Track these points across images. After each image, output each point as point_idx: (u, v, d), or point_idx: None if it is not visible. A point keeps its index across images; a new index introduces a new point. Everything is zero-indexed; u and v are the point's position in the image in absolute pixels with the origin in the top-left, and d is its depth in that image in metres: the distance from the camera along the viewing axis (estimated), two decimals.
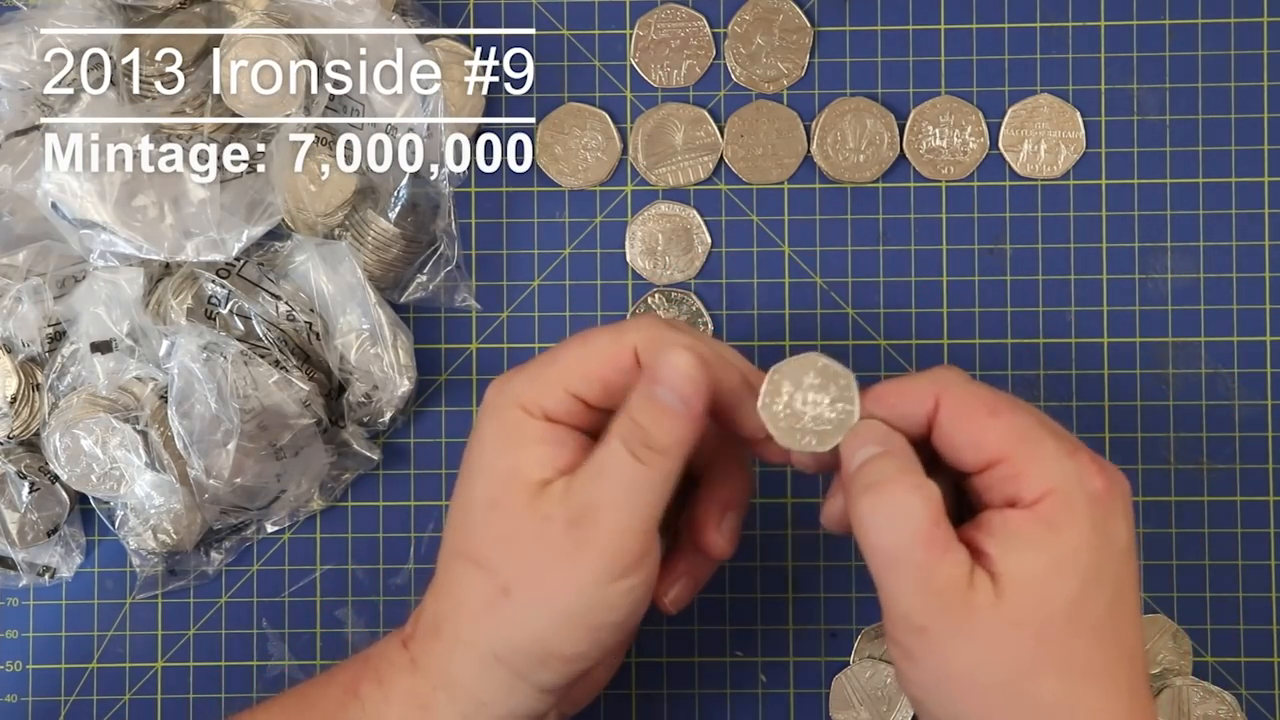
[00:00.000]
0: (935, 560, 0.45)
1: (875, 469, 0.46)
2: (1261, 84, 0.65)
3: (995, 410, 0.47)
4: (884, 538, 0.46)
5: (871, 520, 0.46)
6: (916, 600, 0.45)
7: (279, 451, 0.61)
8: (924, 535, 0.45)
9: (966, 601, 0.45)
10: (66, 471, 0.61)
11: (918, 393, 0.48)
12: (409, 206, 0.63)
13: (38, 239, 0.63)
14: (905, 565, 0.45)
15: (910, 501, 0.45)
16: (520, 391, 0.49)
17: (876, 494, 0.46)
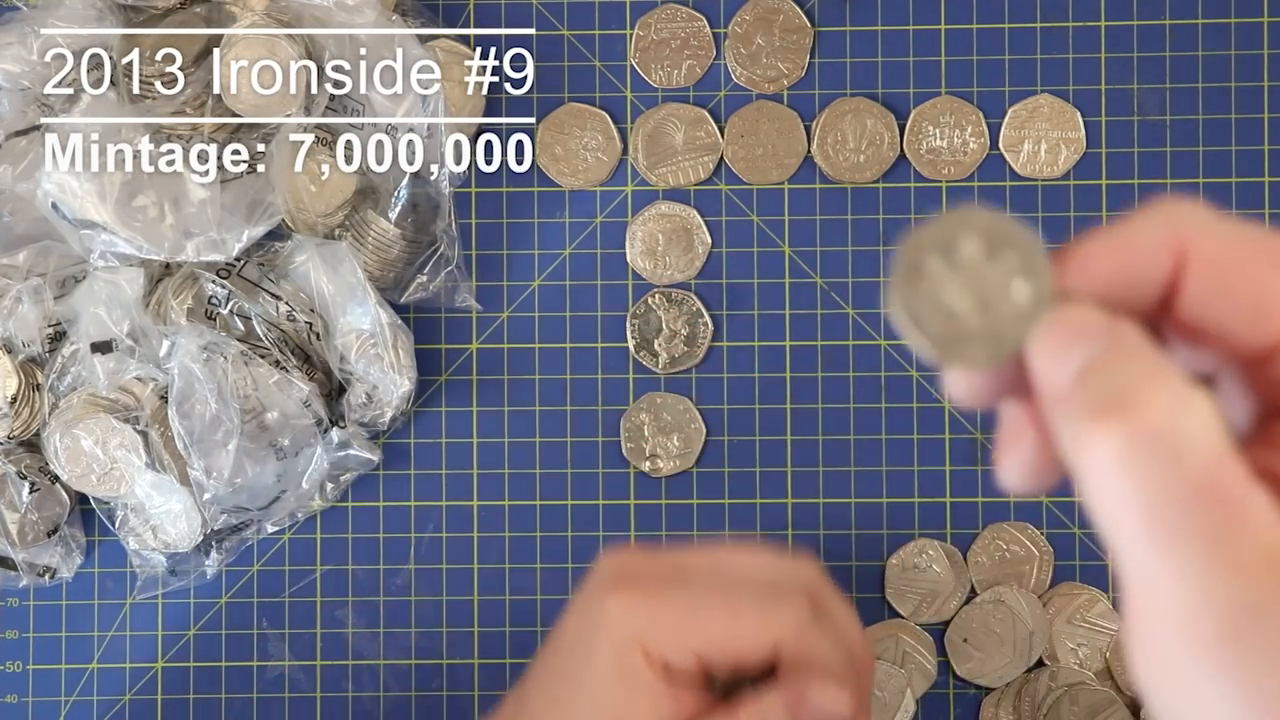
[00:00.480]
0: (1242, 527, 0.28)
1: (1105, 380, 0.29)
2: (1262, 84, 0.65)
3: None
4: (1145, 494, 0.28)
5: (1116, 468, 0.28)
6: (1220, 595, 0.27)
7: (279, 452, 0.61)
8: (1216, 485, 0.28)
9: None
10: (67, 472, 0.61)
11: (1146, 246, 0.31)
12: (409, 207, 0.63)
13: (38, 239, 0.63)
14: (1190, 539, 0.28)
15: (1184, 428, 0.28)
16: (645, 633, 0.45)
17: (1118, 422, 0.28)
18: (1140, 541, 0.28)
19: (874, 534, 0.65)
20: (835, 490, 0.65)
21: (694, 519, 0.65)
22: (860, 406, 0.65)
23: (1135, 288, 0.31)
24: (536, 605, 0.65)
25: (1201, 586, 0.27)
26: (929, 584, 0.64)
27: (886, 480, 0.65)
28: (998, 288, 0.30)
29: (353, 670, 0.65)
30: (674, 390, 0.65)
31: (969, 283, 0.30)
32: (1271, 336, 0.30)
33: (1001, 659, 0.64)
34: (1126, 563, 0.29)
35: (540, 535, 0.65)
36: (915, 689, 0.64)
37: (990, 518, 0.64)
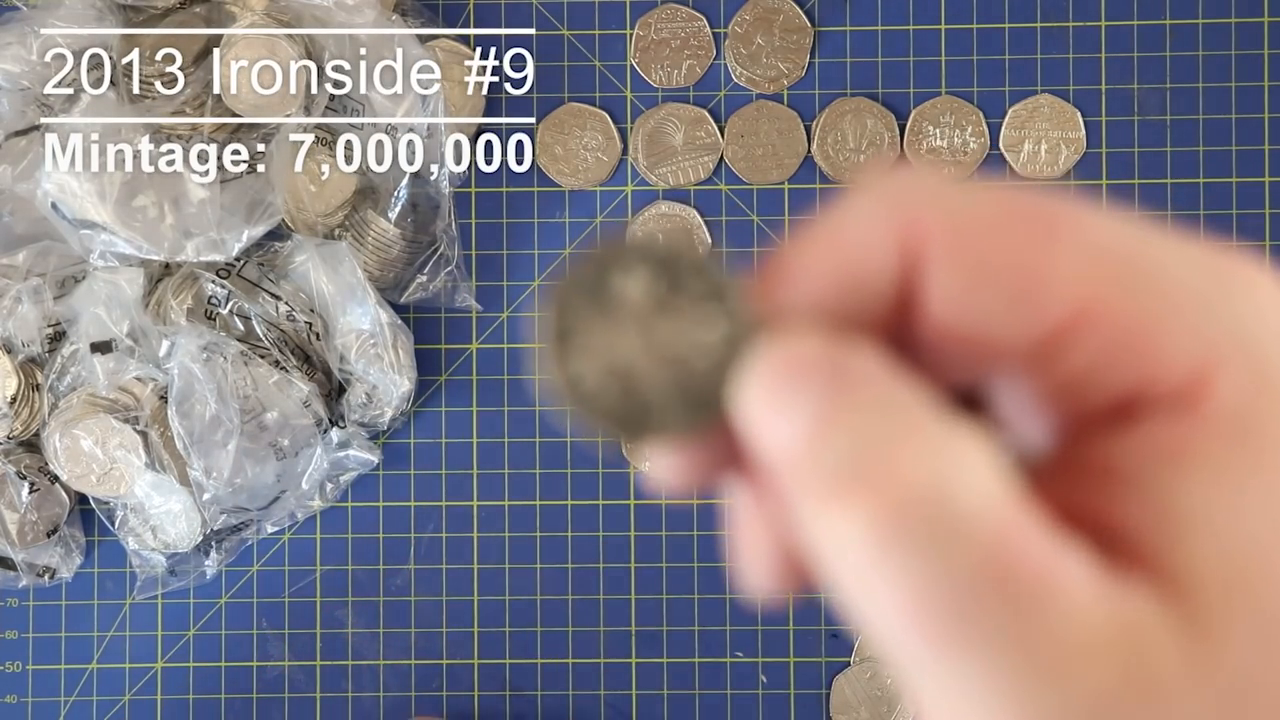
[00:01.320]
0: (1050, 611, 0.20)
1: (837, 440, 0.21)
2: (1262, 84, 0.65)
3: (1052, 218, 0.22)
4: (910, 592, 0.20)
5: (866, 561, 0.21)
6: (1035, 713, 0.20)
7: (279, 452, 0.61)
8: (1006, 562, 0.20)
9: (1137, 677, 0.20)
10: (66, 472, 0.61)
11: (863, 237, 0.23)
12: (409, 207, 0.63)
13: (38, 239, 0.63)
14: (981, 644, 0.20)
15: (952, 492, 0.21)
16: None
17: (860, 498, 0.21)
18: (917, 655, 0.21)
19: None
20: None
21: (694, 519, 0.65)
22: None
23: (862, 294, 0.23)
24: (536, 605, 0.65)
25: (1011, 705, 0.20)
26: None
27: None
28: (680, 333, 0.22)
29: (353, 670, 0.65)
30: None
31: (642, 333, 0.22)
32: (1048, 323, 0.22)
33: None
34: (911, 685, 0.21)
35: (540, 535, 0.65)
36: None
37: None
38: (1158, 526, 0.21)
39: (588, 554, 0.65)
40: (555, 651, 0.65)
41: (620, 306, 0.22)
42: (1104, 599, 0.20)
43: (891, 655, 0.21)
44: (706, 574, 0.65)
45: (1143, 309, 0.22)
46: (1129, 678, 0.20)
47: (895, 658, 0.21)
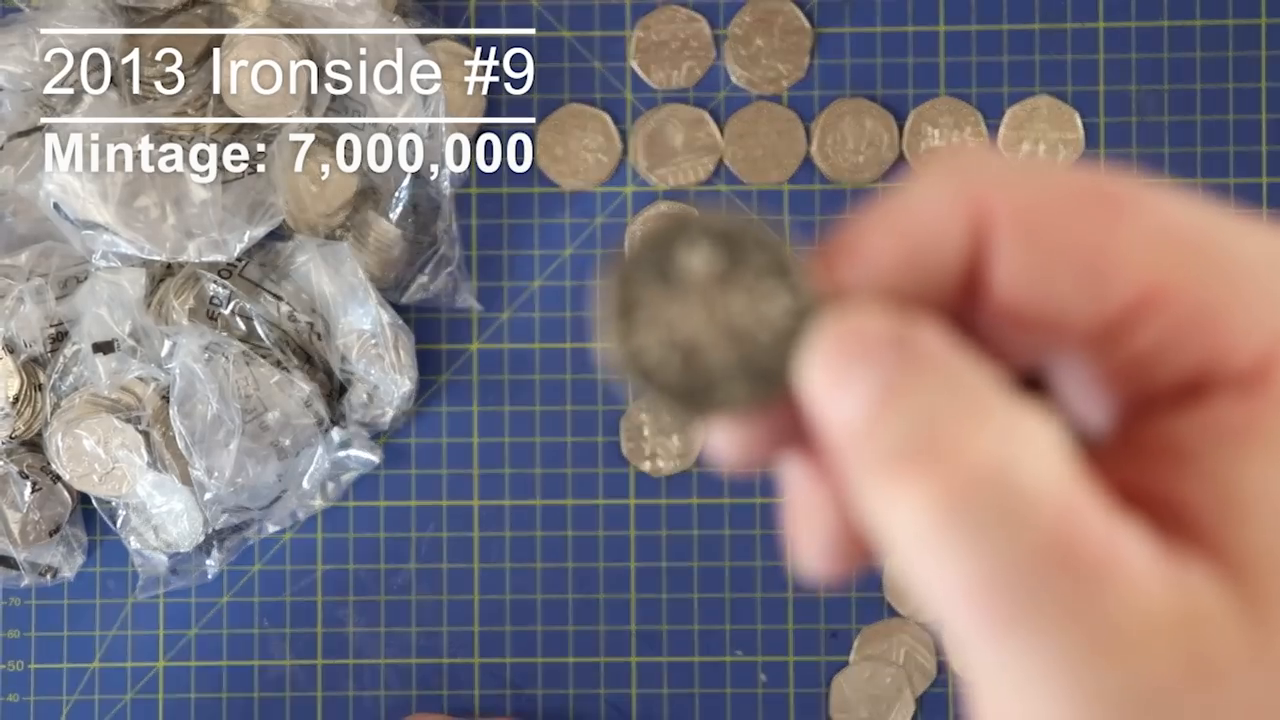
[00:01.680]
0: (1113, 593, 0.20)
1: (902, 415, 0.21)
2: (1259, 85, 0.65)
3: (1118, 197, 0.22)
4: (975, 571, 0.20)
5: (930, 537, 0.21)
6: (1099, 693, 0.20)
7: (280, 452, 0.61)
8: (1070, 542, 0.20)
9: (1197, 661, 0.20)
10: (68, 471, 0.61)
11: (933, 216, 0.23)
12: (410, 207, 0.63)
13: (40, 240, 0.63)
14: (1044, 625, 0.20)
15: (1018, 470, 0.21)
16: None
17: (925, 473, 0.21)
18: (981, 637, 0.20)
19: None
20: None
21: (694, 519, 0.65)
22: None
23: (929, 273, 0.22)
24: (536, 605, 0.65)
25: (1072, 686, 0.20)
26: None
27: None
28: (744, 307, 0.22)
29: (354, 669, 0.65)
30: None
31: (705, 307, 0.22)
32: (1116, 303, 0.22)
33: None
34: (969, 661, 0.21)
35: (540, 535, 0.65)
36: (915, 688, 0.64)
37: None
38: (1219, 507, 0.21)
39: (588, 554, 0.65)
40: (555, 650, 0.65)
41: (684, 280, 0.22)
42: (1166, 581, 0.20)
43: (951, 632, 0.21)
44: (706, 574, 0.65)
45: (1210, 291, 0.22)
46: (1191, 661, 0.20)
47: (955, 635, 0.21)
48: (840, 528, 0.23)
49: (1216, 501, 0.21)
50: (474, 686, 0.65)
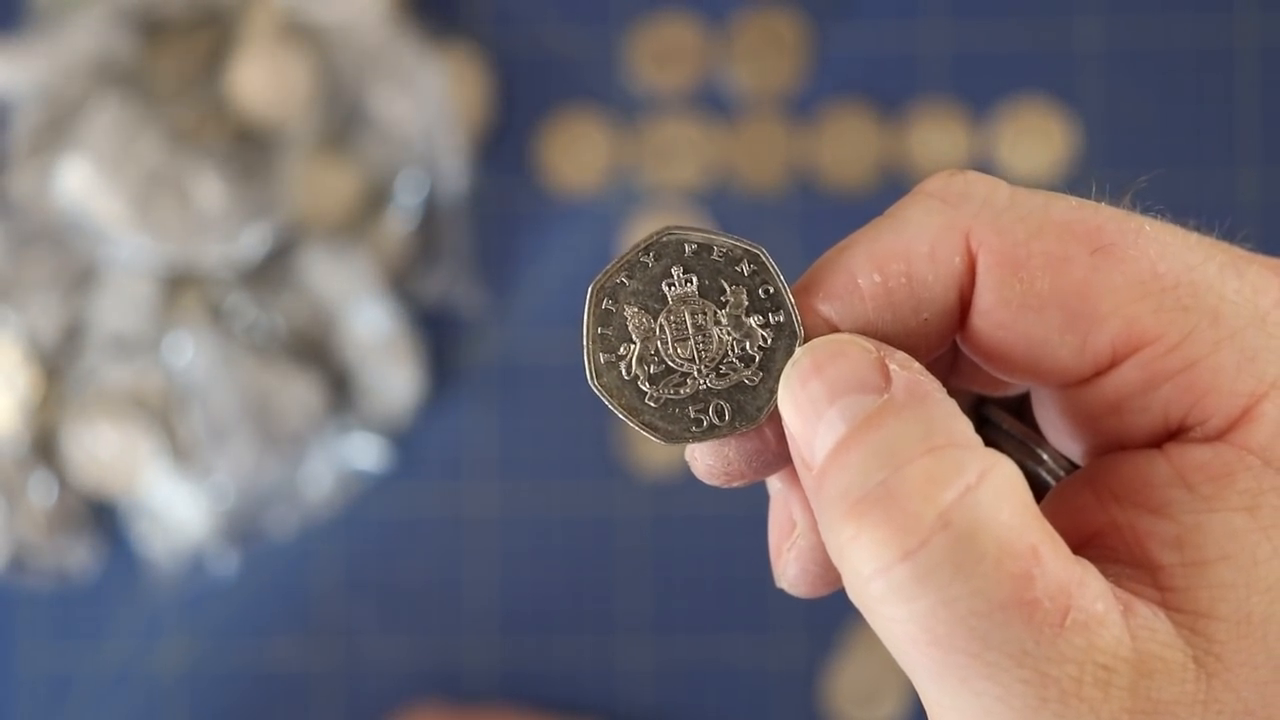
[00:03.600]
0: (1069, 638, 0.20)
1: (867, 455, 0.21)
2: (1259, 82, 0.64)
3: (1102, 240, 0.22)
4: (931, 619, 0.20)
5: (887, 585, 0.21)
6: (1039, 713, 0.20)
7: (286, 451, 0.61)
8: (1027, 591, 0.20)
9: (1143, 703, 0.21)
10: (79, 470, 0.62)
11: (923, 240, 0.23)
12: (414, 209, 0.63)
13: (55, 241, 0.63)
14: (1001, 670, 0.20)
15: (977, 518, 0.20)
16: None
17: (881, 519, 0.21)
18: (933, 677, 0.21)
19: None
20: None
21: (690, 519, 0.65)
22: None
23: (918, 301, 0.22)
24: (536, 605, 0.65)
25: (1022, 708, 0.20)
26: None
27: None
28: (727, 330, 0.22)
29: (356, 668, 0.65)
30: None
31: (686, 328, 0.22)
32: (1096, 348, 0.22)
33: None
34: (922, 693, 0.21)
35: (539, 535, 0.65)
36: (907, 681, 0.64)
37: None
38: (1181, 554, 0.21)
39: (586, 554, 0.65)
40: (556, 650, 0.65)
41: (667, 302, 0.22)
42: (1121, 628, 0.20)
43: (908, 673, 0.21)
44: (705, 573, 0.65)
45: (1190, 343, 0.21)
46: (1142, 707, 0.20)
47: (910, 675, 0.21)
48: (819, 553, 0.23)
49: (1180, 548, 0.21)
50: (475, 686, 0.65)
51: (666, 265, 0.22)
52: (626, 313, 0.23)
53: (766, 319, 0.22)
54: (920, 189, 0.23)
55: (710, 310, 0.22)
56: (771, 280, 0.22)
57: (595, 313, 0.23)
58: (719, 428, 0.22)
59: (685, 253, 0.22)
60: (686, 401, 0.22)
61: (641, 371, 0.23)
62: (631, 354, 0.23)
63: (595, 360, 0.23)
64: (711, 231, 0.22)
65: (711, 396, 0.22)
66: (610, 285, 0.23)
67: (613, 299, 0.23)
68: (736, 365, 0.22)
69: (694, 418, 0.22)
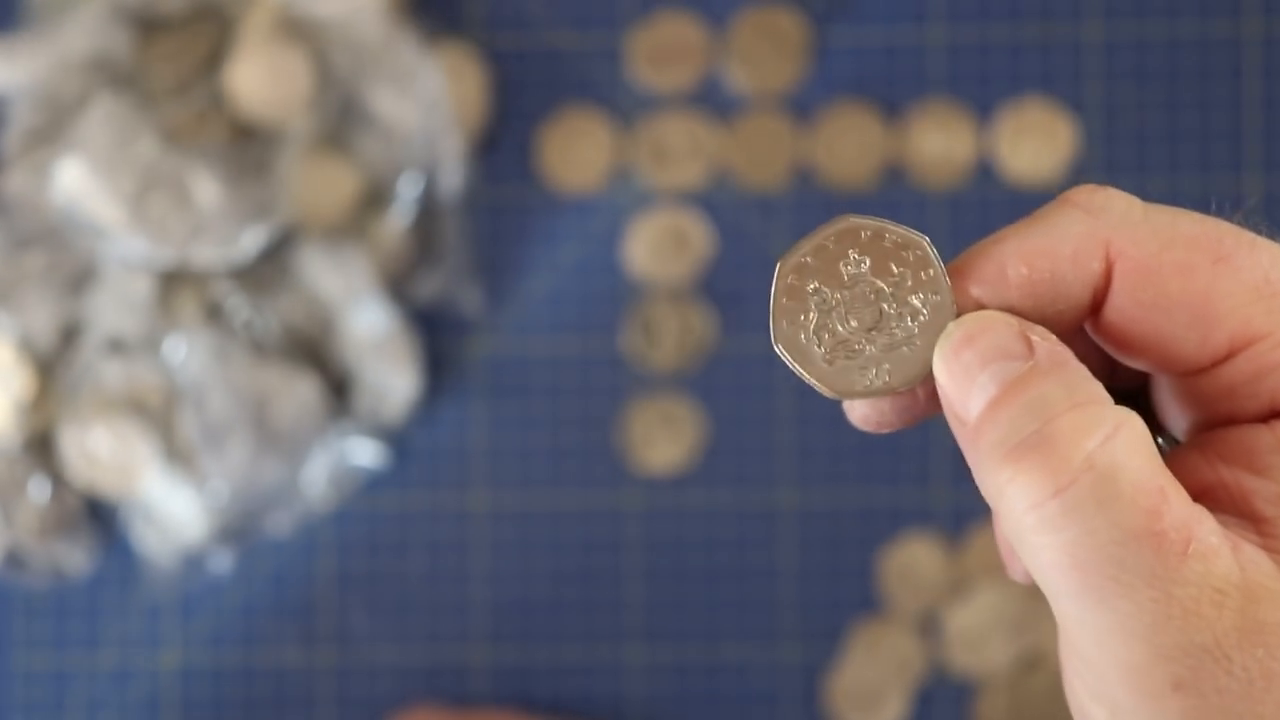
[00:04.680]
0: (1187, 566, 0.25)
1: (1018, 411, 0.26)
2: (1262, 84, 0.64)
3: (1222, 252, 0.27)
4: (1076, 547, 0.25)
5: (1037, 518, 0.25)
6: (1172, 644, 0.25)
7: (284, 451, 0.61)
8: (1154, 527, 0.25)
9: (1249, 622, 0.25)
10: (77, 471, 0.62)
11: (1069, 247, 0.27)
12: (413, 209, 0.63)
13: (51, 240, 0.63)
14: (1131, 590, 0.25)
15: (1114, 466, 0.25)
16: None
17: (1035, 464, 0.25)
18: (1074, 596, 0.25)
19: (870, 531, 0.64)
20: (832, 488, 0.65)
21: (692, 519, 0.65)
22: None
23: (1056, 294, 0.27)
24: (536, 605, 0.65)
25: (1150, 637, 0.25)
26: (924, 581, 0.64)
27: (883, 478, 0.65)
28: (891, 304, 0.27)
29: (354, 669, 0.65)
30: (674, 390, 0.65)
31: (857, 302, 0.27)
32: (1216, 348, 0.27)
33: (999, 657, 0.63)
34: (1061, 612, 0.26)
35: (539, 535, 0.65)
36: (911, 686, 0.64)
37: (986, 514, 0.64)
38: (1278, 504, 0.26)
39: (586, 554, 0.65)
40: (555, 650, 0.65)
41: (842, 279, 0.27)
42: (1231, 561, 0.25)
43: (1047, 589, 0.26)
44: (706, 574, 0.65)
45: None
46: (1246, 622, 0.25)
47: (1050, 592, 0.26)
48: None
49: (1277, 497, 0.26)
50: (474, 686, 0.65)
51: (845, 248, 0.27)
52: (809, 287, 0.27)
53: (925, 297, 0.27)
54: (1065, 198, 0.27)
55: (879, 288, 0.27)
56: (932, 265, 0.27)
57: (781, 285, 0.28)
58: (879, 388, 0.27)
59: (861, 238, 0.27)
60: (854, 363, 0.27)
61: (817, 337, 0.27)
62: (811, 321, 0.27)
63: (778, 325, 0.28)
64: (884, 221, 0.27)
65: (875, 360, 0.27)
66: (796, 263, 0.27)
67: (797, 275, 0.28)
68: (898, 335, 0.27)
69: (859, 377, 0.27)
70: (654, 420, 0.65)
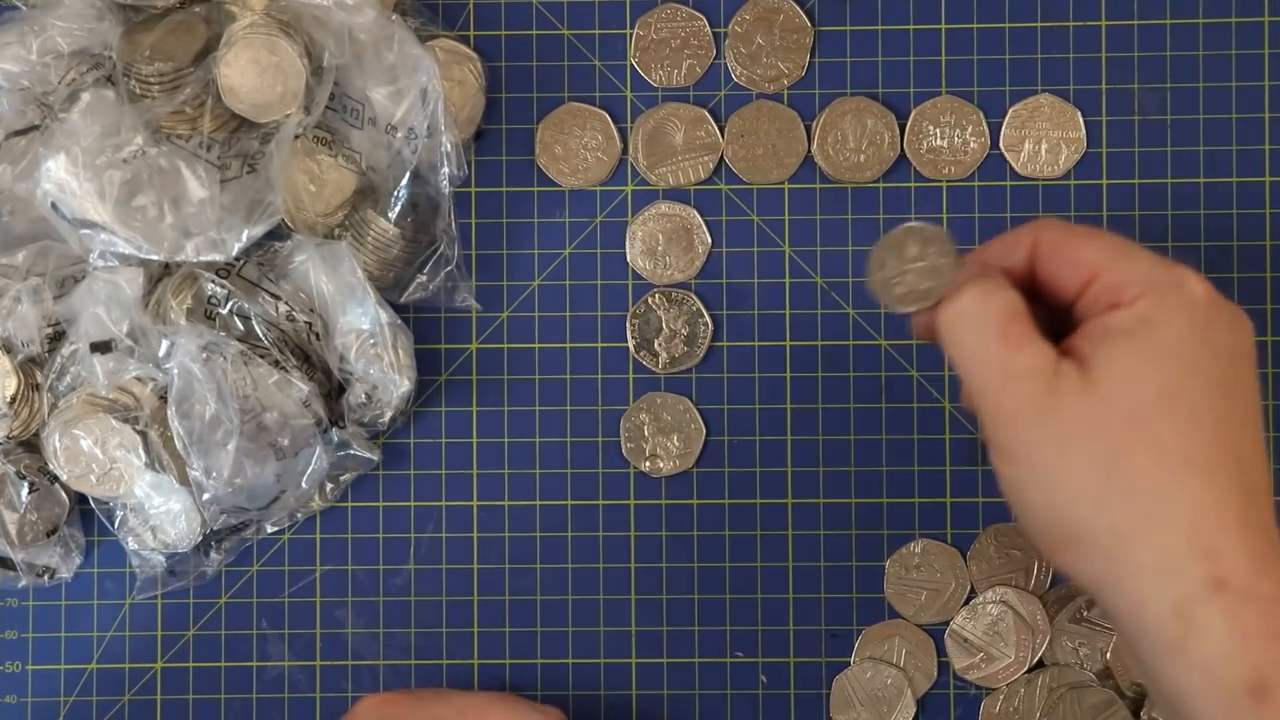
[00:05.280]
0: (1012, 351, 0.46)
1: (959, 287, 0.48)
2: (1263, 84, 0.65)
3: (1090, 234, 0.48)
4: (963, 339, 0.47)
5: (949, 325, 0.48)
6: (1003, 393, 0.46)
7: (279, 452, 0.61)
8: (998, 330, 0.47)
9: (1052, 387, 0.45)
10: (66, 472, 0.61)
11: (1014, 237, 0.50)
12: (409, 206, 0.63)
13: (37, 239, 0.63)
14: (985, 361, 0.47)
15: (984, 301, 0.47)
16: None
17: (954, 300, 0.47)
18: (967, 372, 0.48)
19: (874, 534, 0.65)
20: (835, 490, 0.65)
21: (694, 519, 0.65)
22: (860, 406, 0.65)
23: (1007, 258, 0.50)
24: (536, 605, 0.65)
25: (995, 392, 0.47)
26: (929, 584, 0.64)
27: (886, 480, 0.65)
28: (928, 266, 0.49)
29: (352, 670, 0.65)
30: (674, 390, 0.65)
31: (911, 265, 0.49)
32: (1081, 275, 0.48)
33: (1002, 659, 0.64)
34: (967, 392, 0.48)
35: (540, 535, 0.65)
36: (916, 689, 0.64)
37: (990, 518, 0.64)
38: (1092, 346, 0.46)
39: (587, 554, 0.65)
40: (555, 652, 0.65)
41: (904, 254, 0.49)
42: (1047, 358, 0.46)
43: (964, 371, 0.48)
44: (706, 574, 0.65)
45: (1122, 270, 0.47)
46: (1049, 389, 0.46)
47: (963, 371, 0.48)
48: None
49: (1093, 345, 0.46)
50: (473, 687, 0.65)
51: (903, 237, 0.49)
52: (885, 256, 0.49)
53: (946, 263, 0.48)
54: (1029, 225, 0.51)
55: (916, 256, 0.49)
56: (945, 241, 0.49)
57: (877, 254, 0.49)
58: (913, 308, 0.49)
59: (915, 234, 0.49)
60: (902, 293, 0.49)
61: (885, 278, 0.49)
62: (883, 272, 0.49)
63: (871, 274, 0.49)
64: (925, 222, 0.49)
65: (913, 297, 0.49)
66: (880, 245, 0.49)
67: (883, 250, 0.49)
68: (931, 281, 0.48)
69: (912, 300, 0.49)
70: (654, 419, 0.65)
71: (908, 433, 0.65)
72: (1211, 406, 0.45)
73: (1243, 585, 0.44)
